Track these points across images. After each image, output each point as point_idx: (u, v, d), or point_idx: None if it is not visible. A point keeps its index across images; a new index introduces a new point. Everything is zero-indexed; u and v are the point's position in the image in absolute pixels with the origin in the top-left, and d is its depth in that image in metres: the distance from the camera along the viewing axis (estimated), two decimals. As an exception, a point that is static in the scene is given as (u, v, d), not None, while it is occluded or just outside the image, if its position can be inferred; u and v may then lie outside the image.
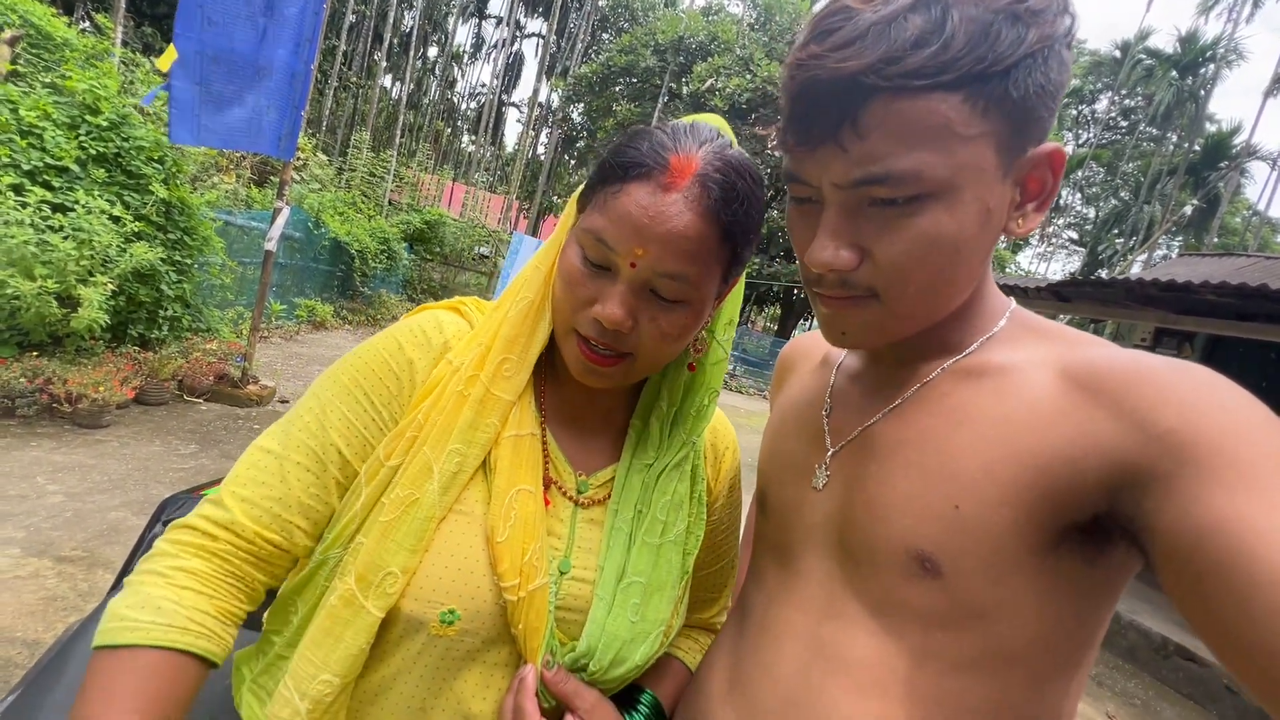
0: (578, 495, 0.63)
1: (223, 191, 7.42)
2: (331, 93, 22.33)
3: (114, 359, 4.44)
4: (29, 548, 2.52)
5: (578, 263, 0.56)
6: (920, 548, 0.48)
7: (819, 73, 0.45)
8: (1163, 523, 0.39)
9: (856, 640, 0.51)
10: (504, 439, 0.59)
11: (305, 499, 0.57)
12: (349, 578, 0.54)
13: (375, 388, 0.59)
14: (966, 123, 0.44)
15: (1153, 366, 0.44)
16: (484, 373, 0.59)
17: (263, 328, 6.45)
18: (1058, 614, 0.46)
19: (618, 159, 0.54)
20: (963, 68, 0.42)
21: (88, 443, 3.68)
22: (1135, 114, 27.94)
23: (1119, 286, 4.71)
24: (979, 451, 0.48)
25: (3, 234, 3.65)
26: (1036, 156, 0.48)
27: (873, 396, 0.59)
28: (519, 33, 34.86)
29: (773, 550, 0.63)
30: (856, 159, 0.45)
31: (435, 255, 15.60)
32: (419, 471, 0.56)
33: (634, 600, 0.60)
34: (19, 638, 2.02)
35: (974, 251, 0.49)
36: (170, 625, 0.50)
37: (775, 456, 0.67)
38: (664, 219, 0.52)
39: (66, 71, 4.68)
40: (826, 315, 0.54)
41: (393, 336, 0.62)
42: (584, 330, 0.56)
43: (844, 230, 0.48)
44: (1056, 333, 0.54)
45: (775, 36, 18.86)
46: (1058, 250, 36.70)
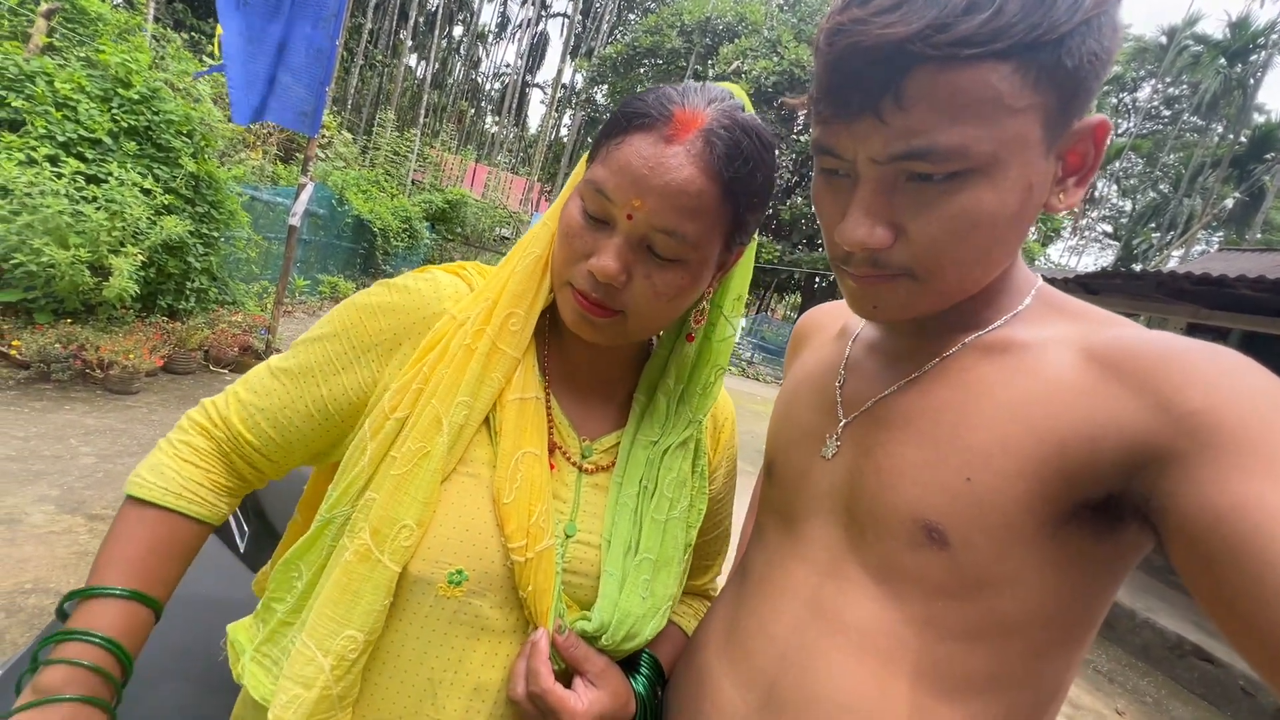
0: (582, 460, 0.64)
1: (249, 167, 7.53)
2: (357, 71, 22.41)
3: (143, 328, 4.56)
4: (63, 505, 2.63)
5: (577, 216, 0.56)
6: (928, 518, 0.48)
7: (861, 39, 0.42)
8: (1179, 503, 0.39)
9: (856, 604, 0.51)
10: (509, 401, 0.59)
11: (280, 416, 0.62)
12: (363, 534, 0.54)
13: (358, 333, 0.61)
14: (1016, 94, 0.41)
15: (1181, 348, 0.43)
16: (490, 327, 0.59)
17: (286, 302, 6.56)
18: (1061, 589, 0.46)
19: (624, 110, 0.54)
20: (1015, 35, 0.40)
21: (118, 408, 3.80)
22: (1179, 103, 26.91)
23: (1150, 279, 4.58)
24: (995, 425, 0.48)
25: (39, 203, 3.76)
26: (1081, 129, 0.46)
27: (889, 368, 0.58)
28: (544, 12, 34.55)
29: (777, 514, 0.63)
30: (897, 132, 0.43)
31: (457, 235, 15.69)
32: (429, 424, 0.56)
33: (644, 576, 0.61)
34: (52, 588, 2.12)
35: (1013, 230, 0.47)
36: (167, 490, 0.59)
37: (785, 425, 0.67)
38: (663, 170, 0.50)
39: (100, 45, 4.77)
40: (856, 291, 0.52)
41: (387, 288, 0.63)
42: (578, 283, 0.56)
43: (878, 207, 0.46)
44: (1083, 312, 0.53)
45: (804, 18, 18.44)
46: (1090, 244, 35.70)
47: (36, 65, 4.18)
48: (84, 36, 5.20)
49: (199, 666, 0.81)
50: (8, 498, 2.58)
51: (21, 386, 3.74)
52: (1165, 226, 24.95)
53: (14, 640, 1.85)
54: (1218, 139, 24.89)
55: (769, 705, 0.53)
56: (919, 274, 0.48)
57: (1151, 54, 26.56)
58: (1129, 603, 4.07)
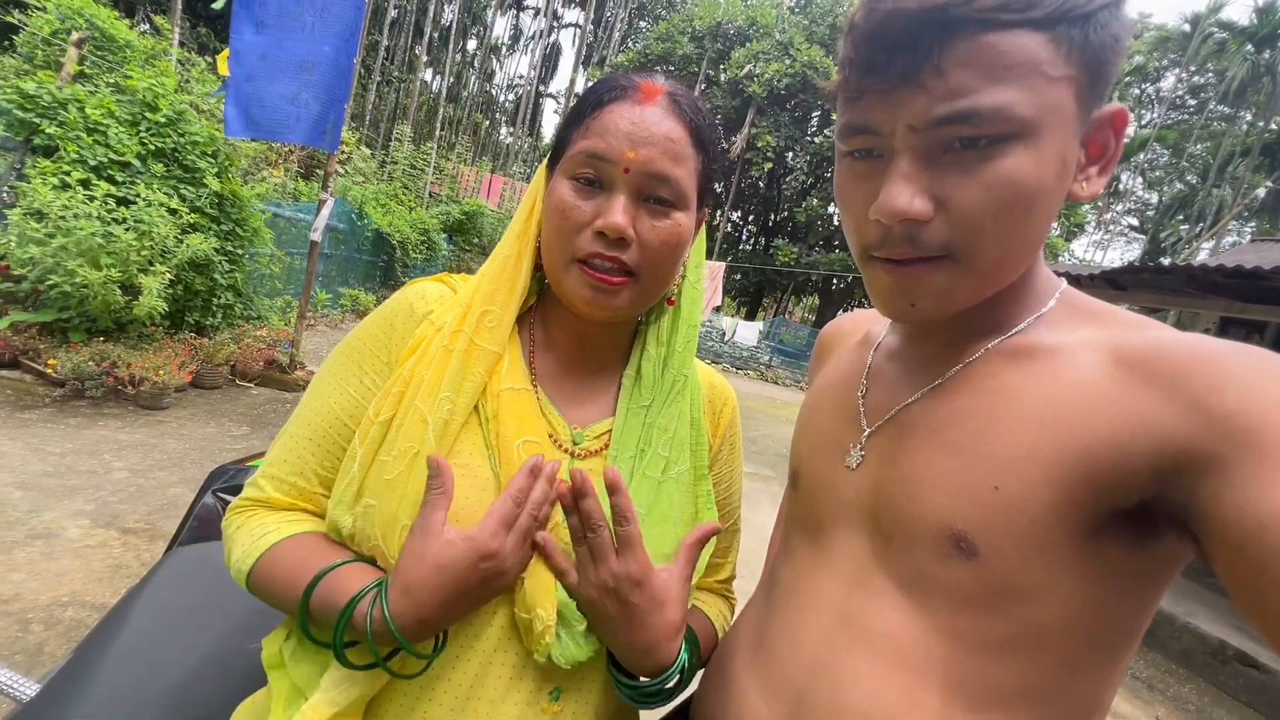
0: (573, 447, 0.64)
1: (272, 184, 7.70)
2: (374, 87, 22.84)
3: (172, 344, 4.68)
4: (97, 519, 2.70)
5: (569, 191, 0.59)
6: (956, 527, 0.47)
7: (904, 3, 0.43)
8: (1220, 509, 0.37)
9: (884, 615, 0.51)
10: (503, 391, 0.61)
11: (319, 468, 0.63)
12: (373, 539, 0.56)
13: (368, 360, 0.64)
14: (1053, 63, 0.42)
15: (1214, 348, 0.42)
16: (466, 326, 0.61)
17: (309, 316, 6.69)
18: (1095, 601, 0.45)
19: (592, 91, 0.60)
20: (1049, 6, 0.42)
21: (149, 423, 3.89)
22: (1205, 92, 26.26)
23: (1180, 273, 4.46)
24: (1022, 432, 0.47)
25: (73, 226, 3.88)
26: (1101, 117, 0.47)
27: (912, 376, 0.57)
28: (556, 23, 34.92)
29: (803, 526, 0.63)
30: (939, 95, 0.43)
31: (474, 245, 15.85)
32: (415, 424, 0.58)
33: None
34: (88, 601, 2.17)
35: (1048, 207, 0.46)
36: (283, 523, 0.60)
37: (809, 434, 0.66)
38: (647, 123, 0.57)
39: (128, 71, 4.92)
40: (891, 284, 0.50)
41: (381, 313, 0.66)
42: (586, 250, 0.58)
43: (919, 176, 0.45)
44: (1109, 315, 0.52)
45: (816, 20, 18.39)
46: (1116, 238, 34.91)
47: (69, 93, 4.33)
48: (113, 63, 5.37)
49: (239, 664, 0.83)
50: (46, 513, 2.65)
51: (58, 404, 3.85)
52: (1194, 218, 24.33)
53: (53, 653, 1.90)
54: (1247, 127, 24.22)
55: (797, 715, 0.52)
56: (959, 252, 0.47)
57: (1175, 42, 25.97)
58: (1168, 607, 3.95)
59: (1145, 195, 31.11)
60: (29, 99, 4.19)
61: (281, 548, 0.58)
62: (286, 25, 4.31)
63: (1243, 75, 22.36)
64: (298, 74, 4.43)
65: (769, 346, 17.50)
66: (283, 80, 4.40)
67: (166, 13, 12.43)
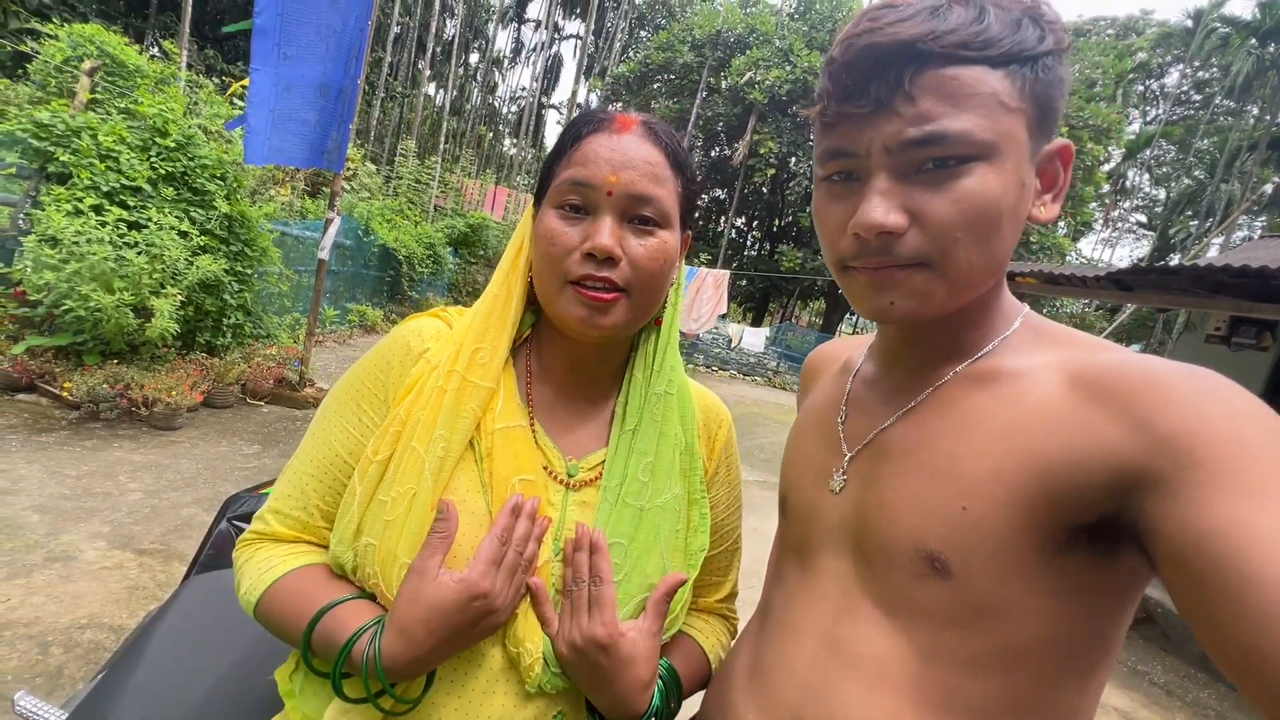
0: (568, 479, 0.66)
1: (279, 204, 7.80)
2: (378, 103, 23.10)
3: (184, 365, 4.74)
4: (113, 541, 2.74)
5: (556, 219, 0.62)
6: (930, 548, 0.50)
7: (877, 39, 0.48)
8: (1164, 526, 0.40)
9: (869, 638, 0.53)
10: (495, 430, 0.63)
11: (320, 503, 0.65)
12: (373, 579, 0.59)
13: (365, 397, 0.66)
14: (1009, 95, 0.48)
15: (1159, 371, 0.45)
16: (459, 364, 0.63)
17: (317, 333, 6.75)
18: (1068, 615, 0.47)
19: (571, 126, 0.64)
20: (1003, 47, 0.47)
21: (162, 443, 3.95)
22: (1210, 87, 26.09)
23: (1186, 273, 4.43)
24: (987, 454, 0.49)
25: (86, 251, 3.95)
26: (1051, 150, 0.52)
27: (887, 401, 0.60)
28: (557, 35, 35.24)
29: (793, 551, 0.65)
30: (910, 120, 0.48)
31: (479, 258, 15.95)
32: (412, 464, 0.60)
33: (615, 560, 0.61)
34: (106, 623, 2.20)
35: (1011, 223, 0.50)
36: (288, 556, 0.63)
37: (795, 461, 0.69)
38: (626, 149, 0.61)
39: (138, 97, 5.02)
40: (866, 284, 0.53)
41: (379, 350, 0.68)
42: (577, 272, 0.60)
43: (894, 193, 0.50)
44: (1068, 338, 0.55)
45: (815, 25, 18.45)
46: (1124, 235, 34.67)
47: (82, 121, 4.42)
48: (123, 88, 5.48)
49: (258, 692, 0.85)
50: (64, 535, 2.70)
51: (73, 426, 3.91)
52: (1203, 214, 24.11)
53: (72, 675, 1.93)
54: (1253, 121, 24.04)
55: None
56: (933, 259, 0.50)
57: (1177, 38, 25.86)
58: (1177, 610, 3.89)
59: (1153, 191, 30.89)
60: (43, 128, 4.29)
61: (285, 581, 0.61)
62: (303, 52, 4.41)
63: (1248, 70, 22.20)
64: (312, 99, 4.53)
65: (776, 352, 17.46)
66: (298, 106, 4.50)
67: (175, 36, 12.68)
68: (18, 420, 3.81)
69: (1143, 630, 4.12)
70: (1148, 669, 3.71)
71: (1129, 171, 29.38)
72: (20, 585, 2.31)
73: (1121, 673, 3.59)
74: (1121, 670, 3.62)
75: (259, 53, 4.33)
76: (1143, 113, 29.71)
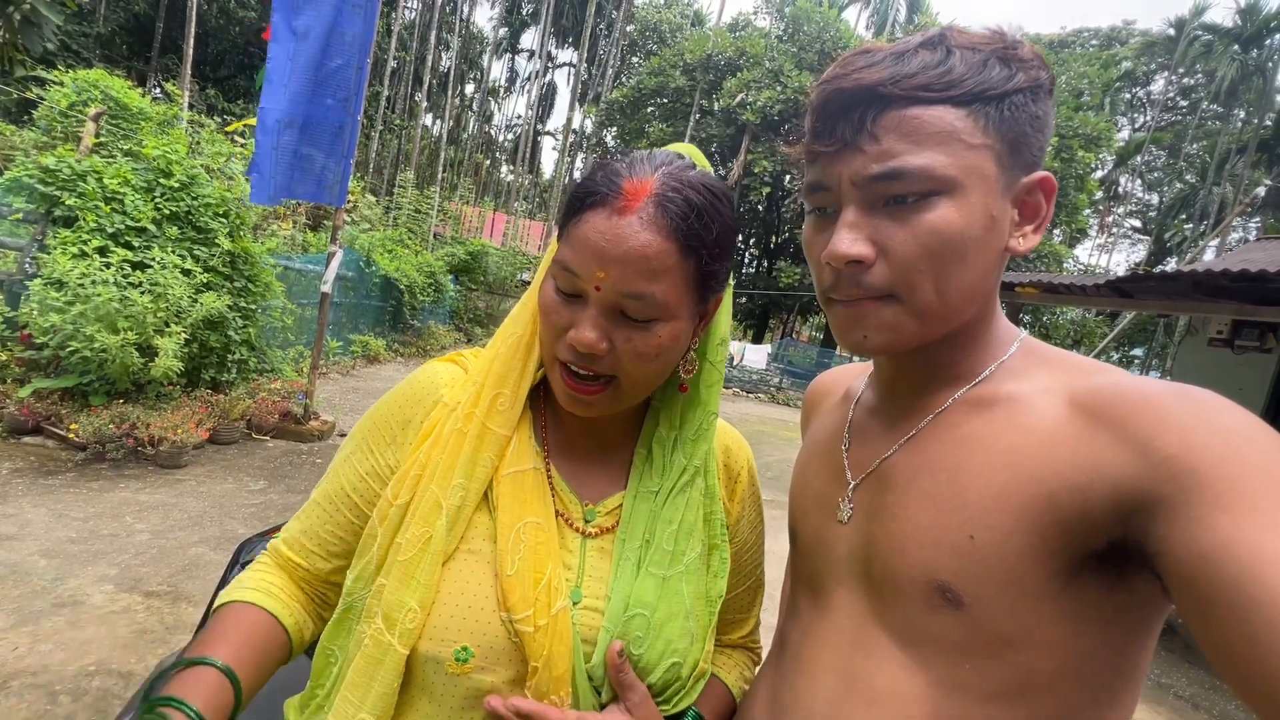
0: (585, 525, 0.64)
1: (281, 238, 7.88)
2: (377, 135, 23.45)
3: (189, 402, 4.75)
4: (120, 584, 2.71)
5: (552, 294, 0.59)
6: (940, 578, 0.49)
7: (843, 84, 0.52)
8: (1169, 548, 0.40)
9: (885, 672, 0.52)
10: (503, 476, 0.61)
11: (321, 533, 0.67)
12: (376, 619, 0.57)
13: (373, 438, 0.67)
14: (970, 133, 0.49)
15: (1155, 392, 0.45)
16: (479, 409, 0.62)
17: (321, 365, 6.77)
18: (1085, 643, 0.46)
19: (577, 192, 0.57)
20: (965, 87, 0.49)
21: (168, 482, 3.94)
22: (1196, 92, 26.43)
23: (1186, 279, 4.44)
24: (990, 481, 0.49)
25: (91, 293, 3.99)
26: (1030, 183, 0.53)
27: (889, 429, 0.60)
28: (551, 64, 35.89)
29: (805, 583, 0.64)
30: (873, 157, 0.50)
31: (480, 284, 16.07)
32: (429, 509, 0.59)
33: (636, 633, 0.60)
34: (114, 669, 2.17)
35: (979, 255, 0.51)
36: (243, 588, 0.65)
37: (802, 491, 0.68)
38: (620, 240, 0.53)
39: (142, 139, 5.11)
40: (845, 317, 0.55)
41: (395, 393, 0.69)
42: (563, 356, 0.58)
43: (861, 225, 0.52)
44: (1066, 362, 0.55)
45: (804, 46, 18.80)
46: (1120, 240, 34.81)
47: (87, 165, 4.49)
48: (128, 130, 5.58)
49: None
50: (70, 580, 2.68)
51: (79, 468, 3.91)
52: (1196, 217, 24.25)
53: (80, 725, 1.90)
54: (1241, 125, 24.30)
55: None
56: (899, 292, 0.52)
57: (1161, 46, 26.27)
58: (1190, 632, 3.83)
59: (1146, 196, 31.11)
60: (50, 173, 4.35)
61: (228, 608, 0.63)
62: (307, 91, 4.52)
63: (1232, 75, 22.52)
64: (315, 136, 4.63)
65: (778, 368, 17.45)
66: (304, 144, 4.60)
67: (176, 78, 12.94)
68: (24, 464, 3.81)
69: (1165, 642, 4.05)
70: (1172, 682, 3.63)
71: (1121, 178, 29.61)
72: (28, 633, 2.29)
73: (1146, 686, 3.52)
74: (1145, 684, 3.54)
75: (268, 92, 4.44)
76: (1131, 120, 30.08)
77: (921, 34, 0.53)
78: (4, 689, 1.99)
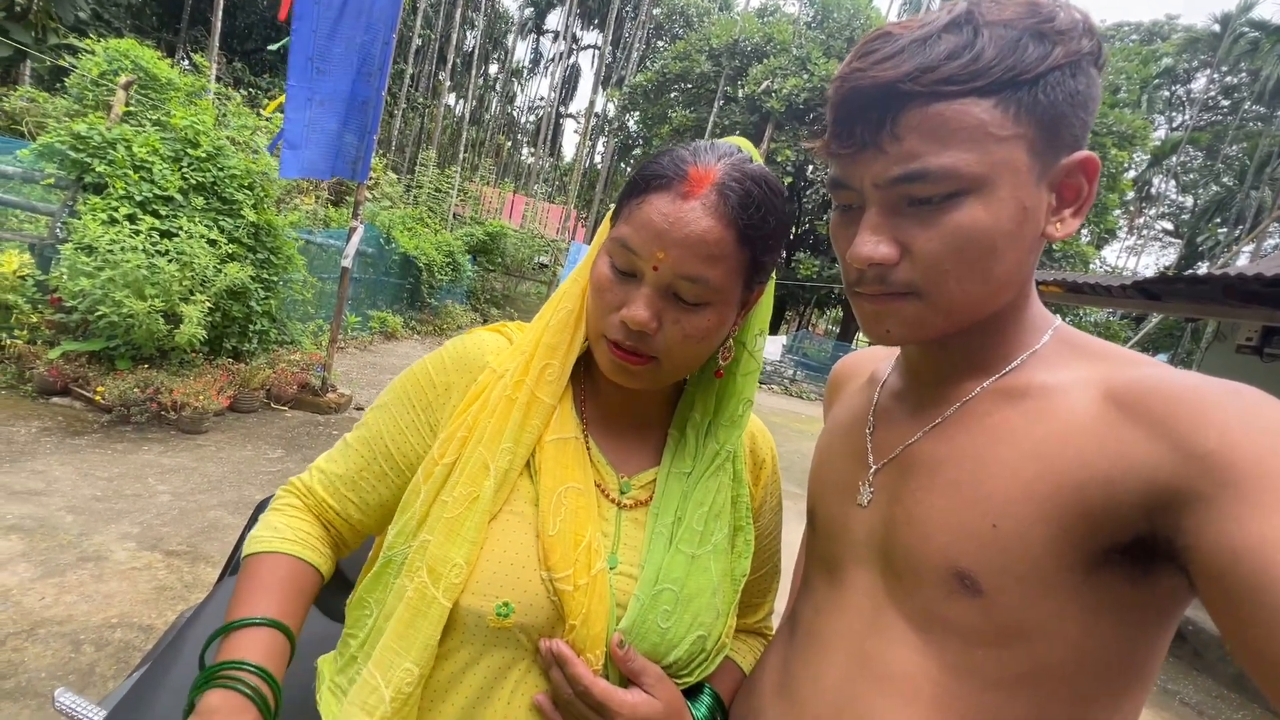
0: (620, 497, 0.66)
1: (303, 212, 7.94)
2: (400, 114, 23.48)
3: (211, 370, 4.84)
4: (142, 542, 2.80)
5: (607, 271, 0.60)
6: (960, 565, 0.49)
7: (860, 82, 0.49)
8: (1200, 543, 0.39)
9: (898, 654, 0.52)
10: (546, 442, 0.64)
11: (358, 479, 0.69)
12: (420, 573, 0.59)
13: (419, 395, 0.68)
14: (999, 124, 0.46)
15: (1197, 387, 0.44)
16: (529, 377, 0.64)
17: (340, 339, 6.85)
18: (1102, 635, 0.46)
19: (642, 173, 0.59)
20: (994, 75, 0.46)
21: (190, 447, 4.03)
22: (1238, 92, 25.57)
23: (1216, 283, 4.34)
24: (1016, 471, 0.49)
25: (120, 259, 4.07)
26: (1070, 164, 0.50)
27: (914, 415, 0.60)
28: (575, 45, 35.61)
29: (821, 563, 0.65)
30: (895, 158, 0.48)
31: (497, 266, 16.12)
32: (476, 469, 0.61)
33: (664, 607, 0.62)
34: (135, 623, 2.25)
35: (1011, 249, 0.50)
36: (279, 538, 0.66)
37: (823, 474, 0.68)
38: (683, 224, 0.55)
39: (171, 110, 5.17)
40: (869, 312, 0.55)
41: (440, 353, 0.70)
42: (612, 335, 0.60)
43: (884, 226, 0.51)
44: (1103, 352, 0.54)
45: (833, 34, 18.45)
46: (1150, 243, 33.96)
47: (117, 133, 4.56)
48: (156, 101, 5.64)
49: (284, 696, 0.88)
50: (95, 536, 2.76)
51: (105, 429, 4.01)
52: (1231, 221, 23.57)
53: (103, 673, 1.97)
54: (1284, 127, 23.49)
55: None
56: (923, 290, 0.51)
57: (1204, 43, 25.40)
58: (1218, 630, 3.79)
59: (1179, 199, 30.28)
60: (81, 140, 4.43)
61: (261, 559, 0.65)
62: (333, 67, 4.54)
63: (1279, 75, 21.73)
64: (340, 111, 4.66)
65: (792, 360, 17.35)
66: (329, 119, 4.63)
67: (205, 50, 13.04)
68: (52, 423, 3.92)
69: (1174, 649, 4.01)
70: (1178, 688, 3.60)
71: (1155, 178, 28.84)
72: (54, 584, 2.37)
73: (1153, 692, 3.49)
74: (1152, 689, 3.52)
75: (295, 69, 4.46)
76: (1169, 119, 29.21)
77: (948, 10, 0.49)
78: (31, 636, 2.07)
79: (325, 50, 4.50)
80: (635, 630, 0.61)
